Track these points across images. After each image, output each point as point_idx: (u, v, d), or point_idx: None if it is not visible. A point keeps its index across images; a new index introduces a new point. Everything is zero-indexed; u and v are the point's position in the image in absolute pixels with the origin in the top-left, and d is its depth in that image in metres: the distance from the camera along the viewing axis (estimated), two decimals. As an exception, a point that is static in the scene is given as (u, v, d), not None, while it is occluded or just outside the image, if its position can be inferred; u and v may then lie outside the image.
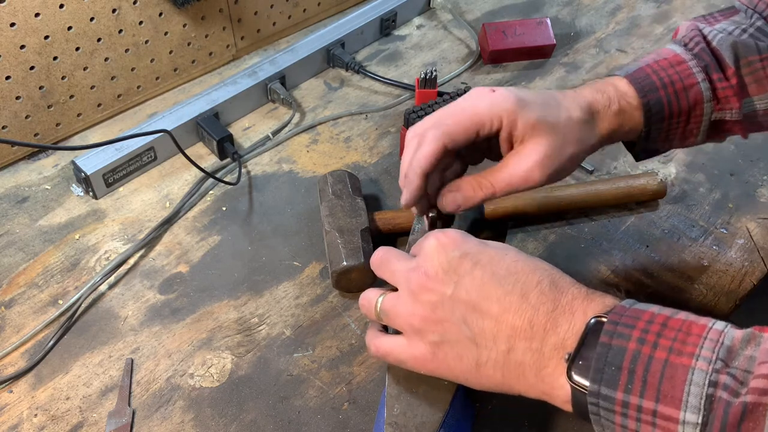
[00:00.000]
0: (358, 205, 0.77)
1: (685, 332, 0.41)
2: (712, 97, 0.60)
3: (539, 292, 0.47)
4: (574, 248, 0.80)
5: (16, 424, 0.64)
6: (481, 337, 0.47)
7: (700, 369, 0.39)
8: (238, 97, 0.93)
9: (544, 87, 1.01)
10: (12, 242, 0.79)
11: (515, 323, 0.46)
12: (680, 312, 0.43)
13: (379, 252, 0.55)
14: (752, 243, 0.80)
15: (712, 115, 0.61)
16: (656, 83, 0.59)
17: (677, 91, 0.59)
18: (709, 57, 0.60)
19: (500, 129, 0.54)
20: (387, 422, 0.53)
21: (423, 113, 0.83)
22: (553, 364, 0.45)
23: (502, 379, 0.48)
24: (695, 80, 0.59)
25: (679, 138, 0.63)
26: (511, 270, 0.48)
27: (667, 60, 0.61)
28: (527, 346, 0.46)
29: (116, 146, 0.84)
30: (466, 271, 0.48)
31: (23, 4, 0.77)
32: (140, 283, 0.76)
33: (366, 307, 0.55)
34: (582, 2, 1.17)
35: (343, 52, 1.02)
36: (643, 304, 0.45)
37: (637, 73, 0.60)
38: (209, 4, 0.94)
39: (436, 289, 0.49)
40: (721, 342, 0.40)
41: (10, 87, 0.81)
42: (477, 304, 0.47)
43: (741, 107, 0.60)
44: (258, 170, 0.89)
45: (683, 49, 0.61)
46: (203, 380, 0.68)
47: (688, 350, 0.40)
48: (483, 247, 0.50)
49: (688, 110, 0.60)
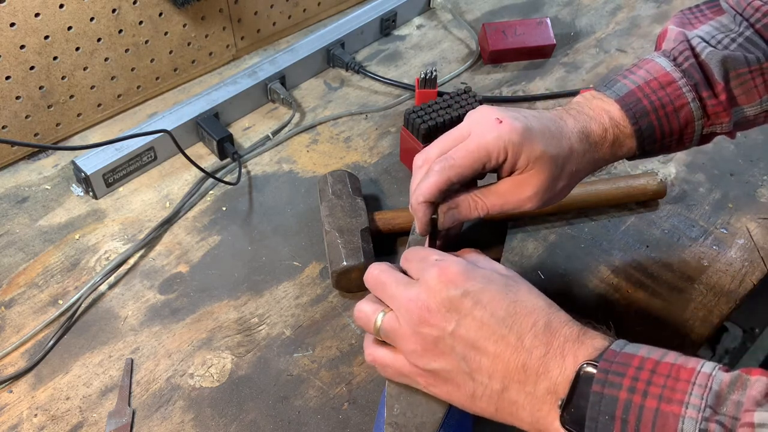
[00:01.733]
0: (358, 205, 0.77)
1: (674, 378, 0.42)
2: (703, 115, 0.61)
3: (533, 335, 0.48)
4: (574, 248, 0.80)
5: (16, 424, 0.64)
6: (477, 373, 0.49)
7: (690, 417, 0.40)
8: (238, 97, 0.93)
9: (544, 87, 1.01)
10: (12, 242, 0.79)
11: (509, 365, 0.47)
12: (669, 353, 0.45)
13: (374, 270, 0.54)
14: (752, 243, 0.80)
15: (704, 130, 0.62)
16: (647, 108, 0.60)
17: (668, 114, 0.60)
18: (699, 74, 0.60)
19: (505, 160, 0.55)
20: (387, 422, 0.53)
21: (423, 113, 0.83)
22: (546, 408, 0.47)
23: (495, 412, 0.49)
24: (685, 100, 0.60)
25: (673, 149, 0.65)
26: (510, 311, 0.49)
27: (657, 81, 0.61)
28: (521, 388, 0.47)
29: (116, 146, 0.84)
30: (467, 311, 0.49)
31: (23, 4, 0.77)
32: (140, 283, 0.76)
33: (363, 321, 0.54)
34: (582, 2, 1.17)
35: (343, 52, 1.02)
36: (633, 346, 0.46)
37: (628, 98, 0.60)
38: (209, 4, 0.94)
39: (437, 325, 0.49)
40: (709, 387, 0.41)
41: (10, 87, 0.81)
42: (475, 343, 0.48)
43: (731, 120, 0.61)
44: (258, 170, 0.89)
45: (672, 66, 0.61)
46: (203, 380, 0.68)
47: (678, 397, 0.41)
48: (484, 285, 0.50)
49: (680, 130, 0.61)
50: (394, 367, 0.52)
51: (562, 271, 0.78)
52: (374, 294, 0.54)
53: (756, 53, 0.60)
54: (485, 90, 1.00)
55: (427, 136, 0.82)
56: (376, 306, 0.53)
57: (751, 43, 0.60)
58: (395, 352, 0.52)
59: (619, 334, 0.49)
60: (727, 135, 0.65)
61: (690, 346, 0.71)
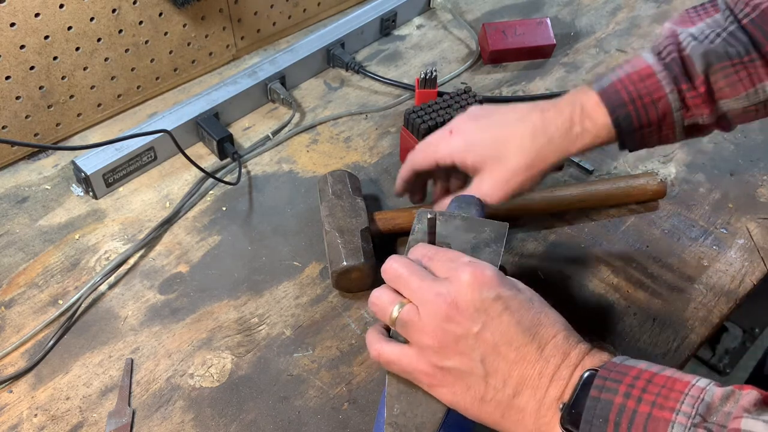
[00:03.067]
0: (358, 205, 0.77)
1: (669, 388, 0.44)
2: (681, 106, 0.63)
3: (554, 345, 0.49)
4: (574, 248, 0.80)
5: (16, 424, 0.64)
6: (492, 377, 0.49)
7: (679, 423, 0.42)
8: (238, 97, 0.93)
9: (544, 87, 1.01)
10: (12, 242, 0.79)
11: (527, 372, 0.49)
12: (667, 369, 0.46)
13: (395, 263, 0.54)
14: (752, 243, 0.80)
15: (685, 121, 0.64)
16: (625, 98, 0.64)
17: (646, 104, 0.64)
18: (679, 67, 0.63)
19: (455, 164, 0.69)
20: (387, 422, 0.53)
21: (423, 113, 0.83)
22: (550, 414, 0.48)
23: (500, 419, 0.50)
24: (663, 93, 0.63)
25: (656, 141, 0.67)
26: (535, 321, 0.50)
27: (637, 73, 0.64)
28: (532, 395, 0.48)
29: (116, 146, 0.84)
30: (496, 314, 0.50)
31: (23, 4, 0.77)
32: (140, 283, 0.76)
33: (379, 309, 0.54)
34: (582, 2, 1.17)
35: (343, 52, 1.02)
36: (634, 360, 0.48)
37: (609, 89, 0.65)
38: (209, 4, 0.94)
39: (463, 324, 0.50)
40: (701, 398, 0.42)
41: (10, 87, 0.81)
42: (497, 347, 0.49)
43: (712, 112, 0.63)
44: (258, 170, 0.89)
45: (655, 60, 0.64)
46: (203, 380, 0.68)
47: (670, 405, 0.43)
48: (515, 293, 0.51)
49: (658, 121, 0.64)
50: (401, 363, 0.52)
51: (562, 271, 0.78)
52: (391, 284, 0.54)
53: (737, 47, 0.61)
54: (485, 90, 1.00)
55: (427, 136, 0.82)
56: (395, 296, 0.53)
57: (734, 38, 0.62)
58: (403, 347, 0.53)
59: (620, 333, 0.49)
60: (721, 129, 0.66)
61: (690, 346, 0.71)
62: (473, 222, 0.62)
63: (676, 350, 0.70)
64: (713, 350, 1.74)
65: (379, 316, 0.54)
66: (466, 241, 0.60)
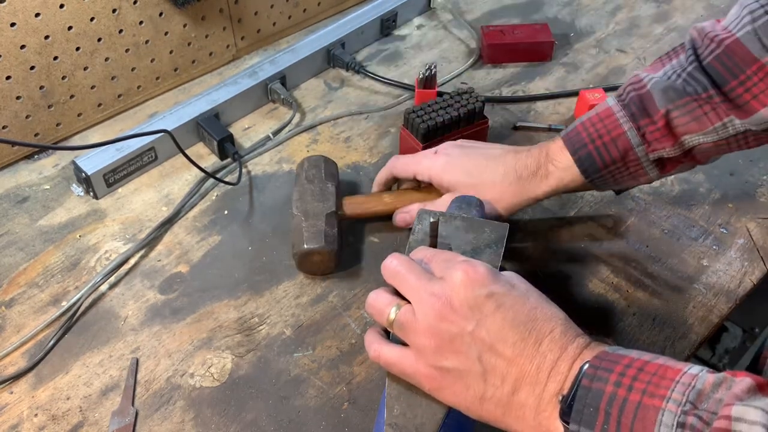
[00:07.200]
0: (328, 190, 0.77)
1: (660, 376, 0.44)
2: (642, 141, 0.67)
3: (550, 339, 0.49)
4: (574, 248, 0.80)
5: (16, 424, 0.64)
6: (491, 374, 0.49)
7: (669, 410, 0.42)
8: (239, 97, 0.93)
9: (544, 87, 1.01)
10: (12, 242, 0.79)
11: (524, 368, 0.49)
12: (659, 357, 0.46)
13: (393, 261, 0.55)
14: (752, 243, 0.80)
15: (650, 156, 0.67)
16: (585, 139, 0.68)
17: (606, 143, 0.67)
18: (636, 106, 0.67)
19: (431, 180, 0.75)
20: (387, 423, 0.53)
21: (423, 113, 0.83)
22: (550, 408, 0.48)
23: (502, 417, 0.50)
24: (622, 130, 0.67)
25: (630, 179, 0.70)
26: (530, 317, 0.50)
27: (597, 115, 0.69)
28: (531, 391, 0.49)
29: (117, 146, 0.84)
30: (489, 312, 0.50)
31: (23, 4, 0.77)
32: (140, 283, 0.76)
33: (376, 310, 0.54)
34: (582, 2, 1.17)
35: (343, 52, 1.02)
36: (626, 349, 0.48)
37: (571, 133, 0.70)
38: (209, 4, 0.94)
39: (457, 323, 0.50)
40: (692, 386, 0.42)
41: (11, 87, 0.82)
42: (493, 345, 0.49)
43: (675, 145, 0.66)
44: (258, 170, 0.89)
45: (615, 101, 0.69)
46: (203, 380, 0.68)
47: (660, 393, 0.43)
48: (508, 289, 0.51)
49: (621, 157, 0.68)
50: (400, 365, 0.52)
51: (561, 270, 0.78)
52: (389, 281, 0.55)
53: (695, 86, 0.64)
54: (485, 90, 1.00)
55: (427, 136, 0.82)
56: (391, 298, 0.54)
57: (692, 78, 0.65)
58: (402, 349, 0.53)
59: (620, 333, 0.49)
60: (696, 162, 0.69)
61: (690, 345, 0.71)
62: (473, 223, 0.62)
63: (676, 350, 0.70)
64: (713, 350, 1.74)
65: (376, 318, 0.54)
66: (467, 242, 0.60)
